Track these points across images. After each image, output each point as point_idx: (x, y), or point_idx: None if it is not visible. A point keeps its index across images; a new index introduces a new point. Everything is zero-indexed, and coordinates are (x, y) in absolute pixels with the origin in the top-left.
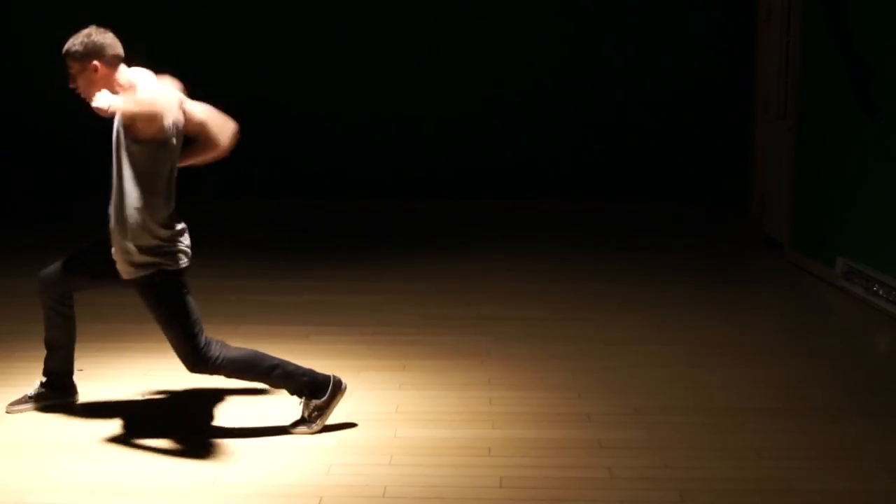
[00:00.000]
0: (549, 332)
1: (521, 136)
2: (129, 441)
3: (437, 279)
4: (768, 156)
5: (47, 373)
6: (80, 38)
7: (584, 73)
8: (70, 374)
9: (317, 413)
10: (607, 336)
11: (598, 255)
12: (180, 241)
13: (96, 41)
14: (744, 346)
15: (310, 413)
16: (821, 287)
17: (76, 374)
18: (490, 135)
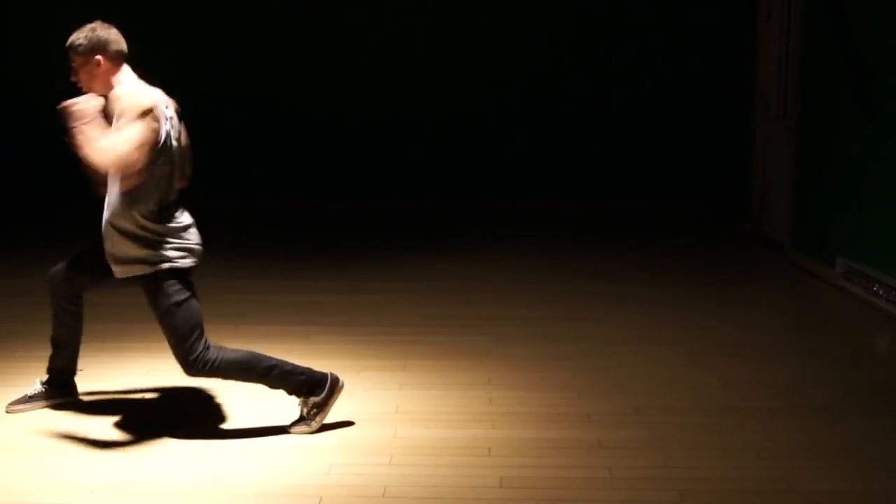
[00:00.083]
0: (549, 332)
1: (521, 136)
2: (129, 441)
3: (437, 279)
4: (768, 156)
5: (51, 370)
6: (85, 33)
7: (584, 73)
8: (73, 373)
9: (315, 410)
10: (607, 336)
11: (598, 255)
12: (181, 238)
13: (101, 36)
14: (744, 346)
15: (308, 411)
16: (821, 287)
17: (77, 374)
18: (490, 135)
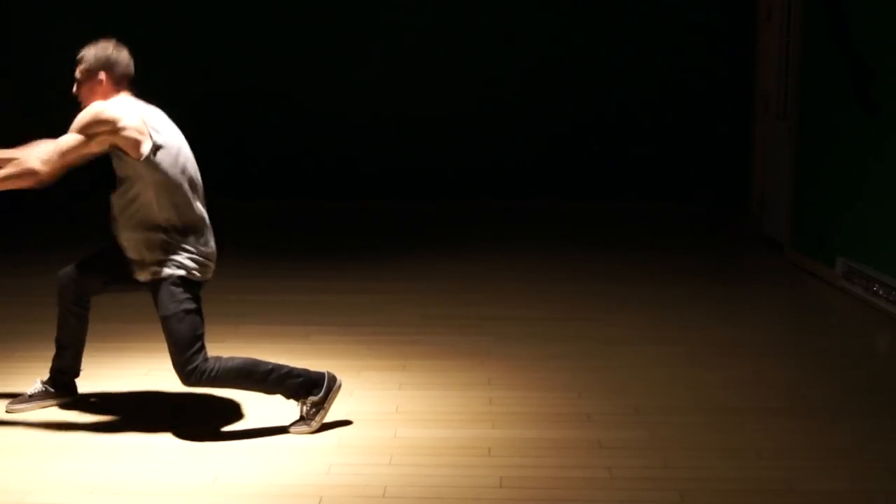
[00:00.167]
0: (549, 332)
1: (521, 136)
2: (129, 441)
3: (437, 279)
4: (768, 156)
5: (54, 370)
6: (98, 50)
7: (584, 72)
8: (76, 374)
9: (314, 410)
10: (607, 336)
11: (598, 255)
12: (196, 249)
13: (111, 55)
14: (744, 346)
15: (307, 410)
16: (821, 287)
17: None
18: (490, 135)
